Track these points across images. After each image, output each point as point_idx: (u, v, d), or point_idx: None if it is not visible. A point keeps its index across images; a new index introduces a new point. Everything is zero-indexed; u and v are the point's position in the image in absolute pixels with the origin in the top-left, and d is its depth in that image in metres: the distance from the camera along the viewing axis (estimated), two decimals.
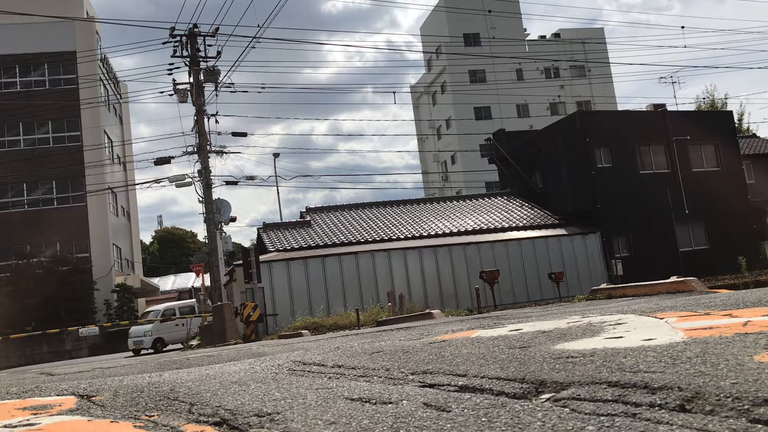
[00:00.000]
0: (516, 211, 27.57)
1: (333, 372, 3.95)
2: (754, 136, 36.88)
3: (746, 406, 1.90)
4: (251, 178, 26.65)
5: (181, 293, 61.83)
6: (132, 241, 46.23)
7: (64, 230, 35.30)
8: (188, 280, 61.42)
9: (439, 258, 23.37)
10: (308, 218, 26.48)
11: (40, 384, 5.27)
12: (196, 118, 22.35)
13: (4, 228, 35.00)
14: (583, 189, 26.11)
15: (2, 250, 33.90)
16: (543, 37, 58.31)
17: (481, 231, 25.27)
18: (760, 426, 1.75)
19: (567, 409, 2.18)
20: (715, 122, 29.59)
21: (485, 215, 26.96)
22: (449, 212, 27.44)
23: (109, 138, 40.23)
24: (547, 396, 2.44)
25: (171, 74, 22.63)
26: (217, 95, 22.52)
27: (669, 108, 29.80)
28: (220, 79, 22.35)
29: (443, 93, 56.31)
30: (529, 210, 27.61)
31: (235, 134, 31.20)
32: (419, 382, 3.10)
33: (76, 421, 3.10)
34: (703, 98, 48.23)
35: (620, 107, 54.82)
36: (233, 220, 24.28)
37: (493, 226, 25.68)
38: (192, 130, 22.68)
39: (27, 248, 33.55)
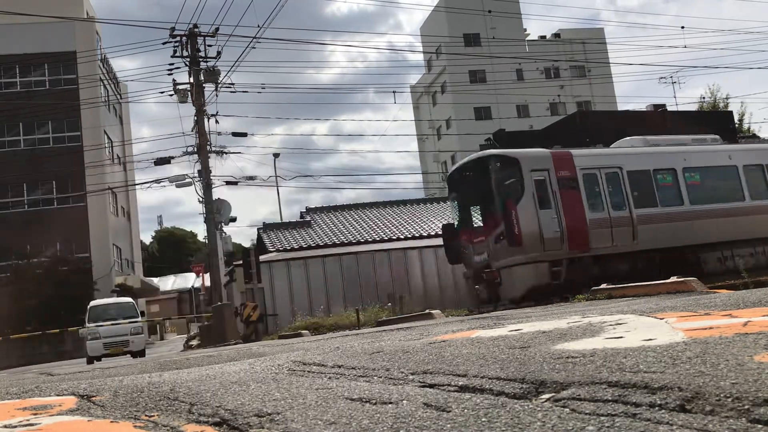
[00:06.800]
0: None
1: (333, 372, 3.95)
2: (754, 136, 36.85)
3: (746, 406, 1.90)
4: (251, 178, 26.61)
5: (181, 293, 61.91)
6: (132, 242, 46.23)
7: (64, 230, 35.27)
8: (188, 280, 61.43)
9: (439, 258, 23.35)
10: (308, 218, 26.49)
11: (40, 384, 5.27)
12: (196, 118, 22.35)
13: (4, 228, 34.98)
14: None
15: (2, 250, 33.87)
16: (543, 37, 58.35)
17: None
18: (760, 426, 1.75)
19: (567, 409, 2.18)
20: (714, 122, 29.56)
21: None
22: (449, 212, 27.42)
23: (109, 138, 40.24)
24: (547, 396, 2.44)
25: (171, 74, 22.64)
26: (217, 95, 22.55)
27: (669, 108, 29.80)
28: (220, 79, 22.38)
29: (443, 93, 56.34)
30: None
31: (235, 134, 31.17)
32: (419, 382, 3.10)
33: (76, 421, 3.10)
34: (704, 99, 47.97)
35: (620, 107, 54.86)
36: (233, 220, 24.24)
37: None
38: (192, 131, 22.69)
39: (27, 248, 33.53)
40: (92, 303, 21.34)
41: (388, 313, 18.86)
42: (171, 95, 22.82)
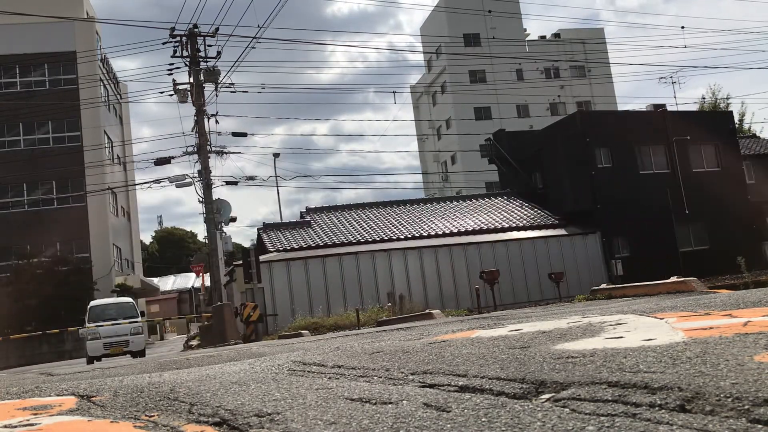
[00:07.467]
0: (516, 211, 27.57)
1: (333, 372, 3.95)
2: (754, 136, 36.84)
3: (746, 407, 1.90)
4: (251, 178, 26.63)
5: (181, 293, 61.93)
6: (132, 242, 46.22)
7: (64, 230, 35.26)
8: (188, 280, 61.44)
9: (439, 258, 23.37)
10: (308, 218, 26.49)
11: (40, 384, 5.28)
12: (196, 118, 22.34)
13: (4, 228, 34.97)
14: (583, 189, 26.10)
15: (2, 250, 33.86)
16: (543, 37, 58.29)
17: (481, 231, 25.26)
18: (760, 426, 1.75)
19: (567, 410, 2.18)
20: (715, 122, 29.57)
21: (485, 215, 26.96)
22: (449, 212, 27.44)
23: (109, 138, 40.21)
24: (547, 396, 2.44)
25: (171, 74, 22.62)
26: (217, 95, 22.53)
27: (669, 108, 29.82)
28: (220, 79, 22.36)
29: (443, 93, 56.30)
30: (529, 210, 27.61)
31: (235, 134, 31.21)
32: (419, 382, 3.10)
33: (76, 421, 3.10)
34: (704, 99, 47.92)
35: (620, 107, 54.82)
36: (233, 220, 24.24)
37: (493, 226, 25.68)
38: (192, 131, 22.68)
39: (27, 248, 33.52)
40: (92, 303, 21.22)
41: (388, 313, 18.86)
42: (171, 95, 22.82)
